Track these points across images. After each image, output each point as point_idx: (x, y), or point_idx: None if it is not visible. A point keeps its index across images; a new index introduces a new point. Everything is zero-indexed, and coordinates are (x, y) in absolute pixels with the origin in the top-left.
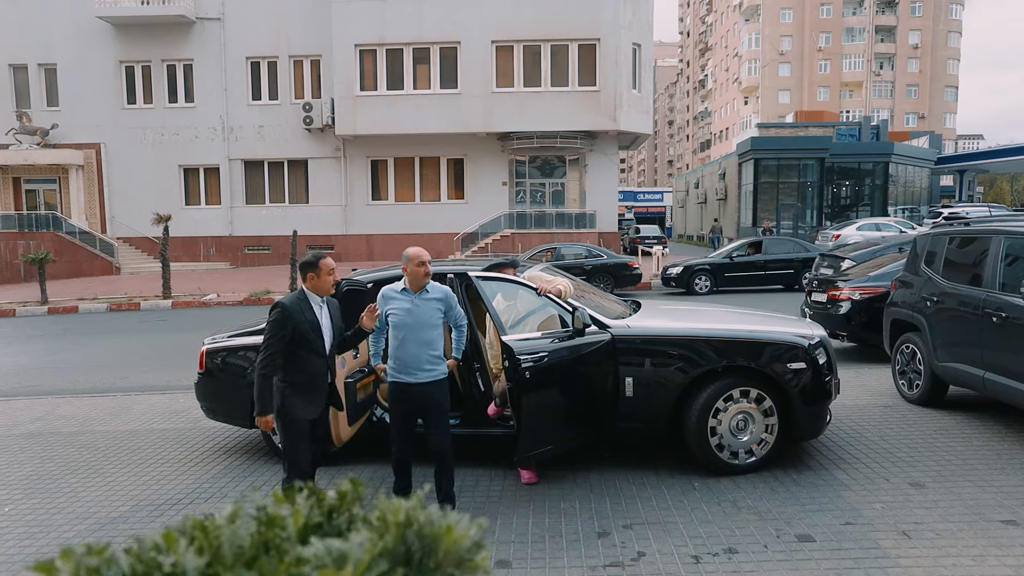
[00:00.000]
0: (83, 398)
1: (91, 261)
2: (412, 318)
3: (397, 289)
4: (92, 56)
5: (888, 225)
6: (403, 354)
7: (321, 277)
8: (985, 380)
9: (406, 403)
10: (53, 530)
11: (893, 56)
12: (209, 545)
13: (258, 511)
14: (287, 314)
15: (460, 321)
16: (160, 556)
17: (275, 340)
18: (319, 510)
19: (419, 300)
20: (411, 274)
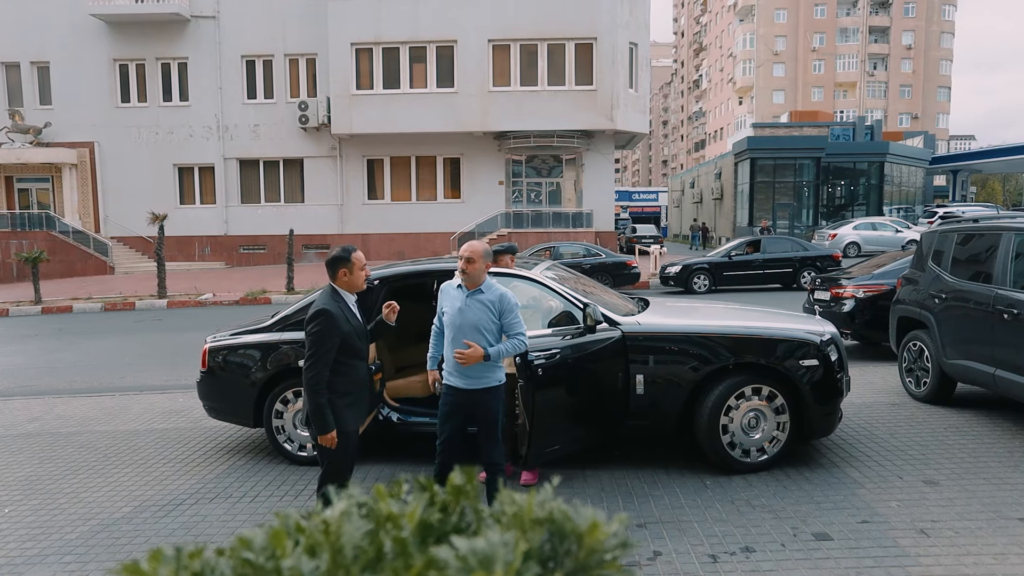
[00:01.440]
0: (81, 398)
1: (85, 261)
2: (461, 318)
3: (455, 285)
4: (85, 54)
5: (884, 224)
6: (452, 355)
7: (354, 273)
8: (996, 377)
9: (452, 408)
10: (55, 531)
11: (887, 57)
12: (328, 546)
13: (366, 508)
14: (334, 323)
15: (516, 330)
16: (264, 559)
17: (323, 352)
18: (433, 506)
19: (471, 300)
20: (460, 271)
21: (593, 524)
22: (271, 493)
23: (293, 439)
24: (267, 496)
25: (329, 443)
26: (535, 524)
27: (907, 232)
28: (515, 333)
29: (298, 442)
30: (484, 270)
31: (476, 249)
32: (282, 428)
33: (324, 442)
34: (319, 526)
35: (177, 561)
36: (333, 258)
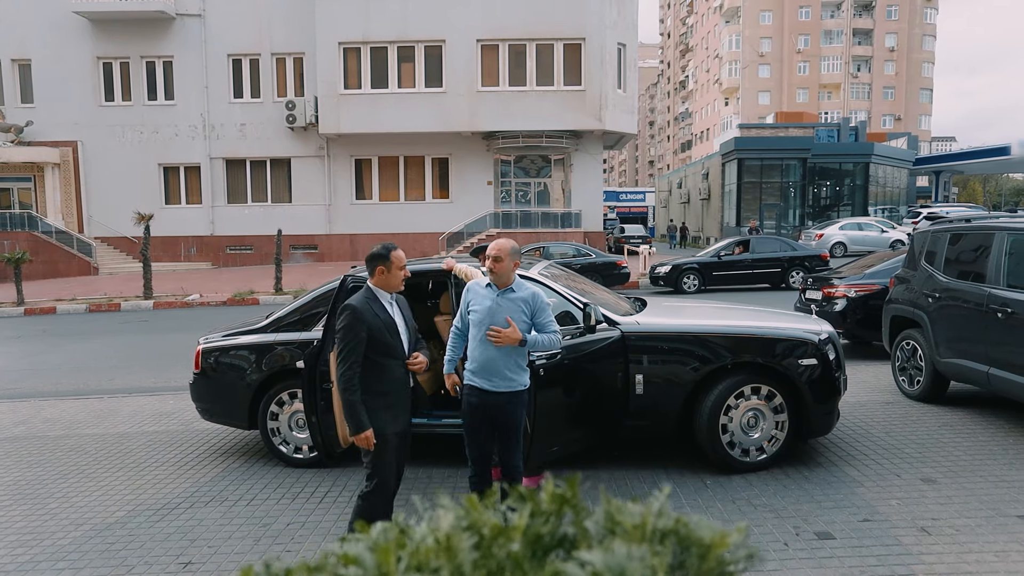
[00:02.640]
0: (68, 400)
1: (68, 261)
2: (491, 317)
3: (482, 284)
4: (68, 52)
5: (870, 224)
6: (481, 356)
7: (392, 271)
8: (990, 376)
9: (479, 410)
10: (47, 537)
11: (870, 59)
12: (447, 563)
13: (465, 521)
14: (359, 317)
15: (550, 328)
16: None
17: (352, 347)
18: (538, 517)
19: (502, 299)
20: (488, 270)
21: (720, 534)
22: (267, 496)
23: (289, 441)
24: (263, 499)
25: (364, 444)
26: (661, 535)
27: (892, 232)
28: (549, 331)
29: (294, 444)
30: (513, 268)
31: (504, 247)
32: (277, 430)
33: (359, 443)
34: (432, 542)
35: None
36: (372, 256)
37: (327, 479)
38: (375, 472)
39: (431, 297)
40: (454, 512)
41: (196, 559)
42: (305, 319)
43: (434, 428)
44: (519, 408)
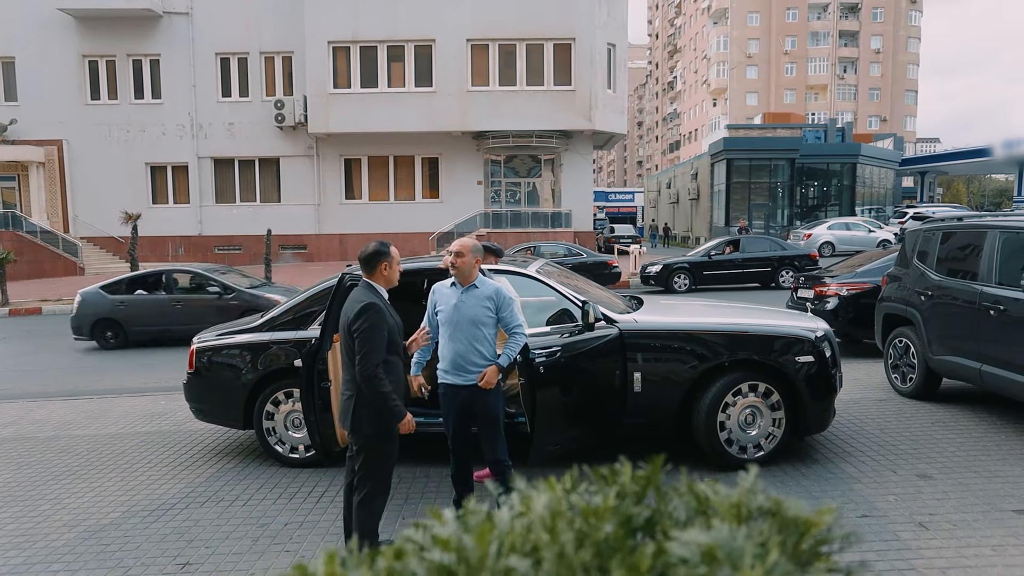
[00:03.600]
0: (57, 401)
1: (53, 261)
2: (458, 314)
3: (448, 284)
4: (53, 50)
5: (857, 224)
6: (450, 352)
7: (393, 268)
8: (982, 372)
9: (455, 407)
10: (40, 539)
11: (856, 60)
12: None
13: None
14: (382, 316)
15: (513, 324)
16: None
17: (377, 346)
18: (625, 499)
19: (466, 295)
20: (450, 266)
21: (818, 513)
22: (264, 496)
23: (284, 441)
24: (260, 499)
25: (408, 428)
26: (762, 514)
27: (879, 232)
28: (513, 326)
29: (290, 444)
30: (474, 265)
31: (465, 244)
32: (273, 430)
33: (404, 429)
34: (526, 525)
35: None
36: (373, 252)
37: (324, 479)
38: (376, 472)
39: (426, 296)
40: (547, 494)
41: (194, 559)
42: (300, 318)
43: (425, 428)
44: (496, 399)
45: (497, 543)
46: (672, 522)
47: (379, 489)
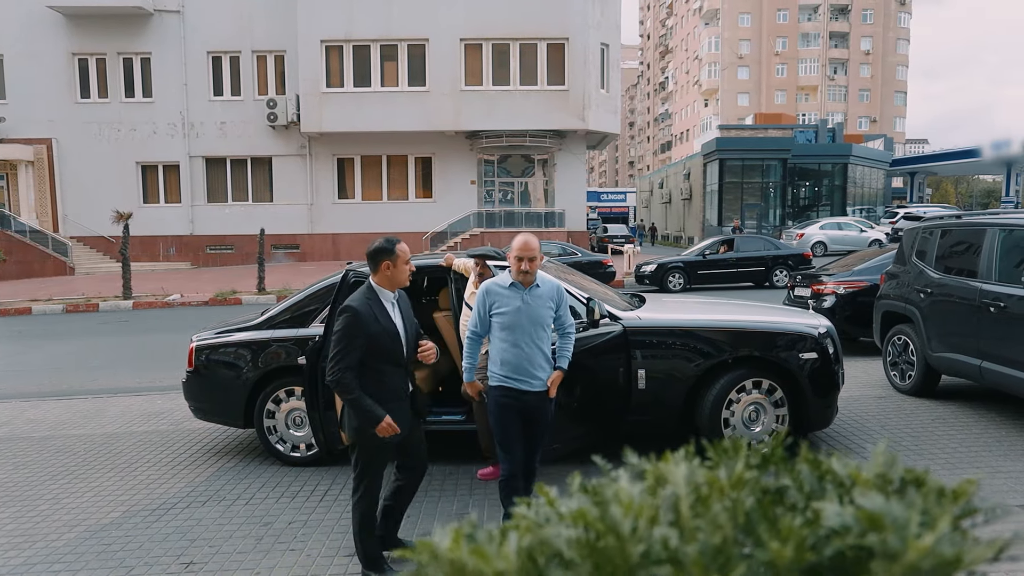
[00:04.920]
0: (51, 401)
1: (43, 261)
2: (522, 316)
3: (504, 284)
4: (42, 48)
5: (849, 224)
6: (516, 358)
7: (398, 267)
8: (982, 369)
9: (518, 412)
10: (40, 539)
11: (846, 61)
12: (704, 511)
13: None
14: (359, 321)
15: (569, 323)
16: (627, 531)
17: (345, 352)
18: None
19: (530, 296)
20: (514, 267)
21: (965, 483)
22: (266, 495)
23: (286, 439)
24: (263, 498)
25: (389, 432)
26: (906, 485)
27: (870, 232)
28: (568, 326)
29: (291, 442)
30: None
31: (535, 246)
32: (274, 428)
33: (383, 432)
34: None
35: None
36: (375, 249)
37: (326, 477)
38: (364, 475)
39: (427, 294)
40: (684, 465)
41: (198, 559)
42: (301, 316)
43: (430, 425)
44: (552, 404)
45: (633, 516)
46: (803, 495)
47: (371, 490)
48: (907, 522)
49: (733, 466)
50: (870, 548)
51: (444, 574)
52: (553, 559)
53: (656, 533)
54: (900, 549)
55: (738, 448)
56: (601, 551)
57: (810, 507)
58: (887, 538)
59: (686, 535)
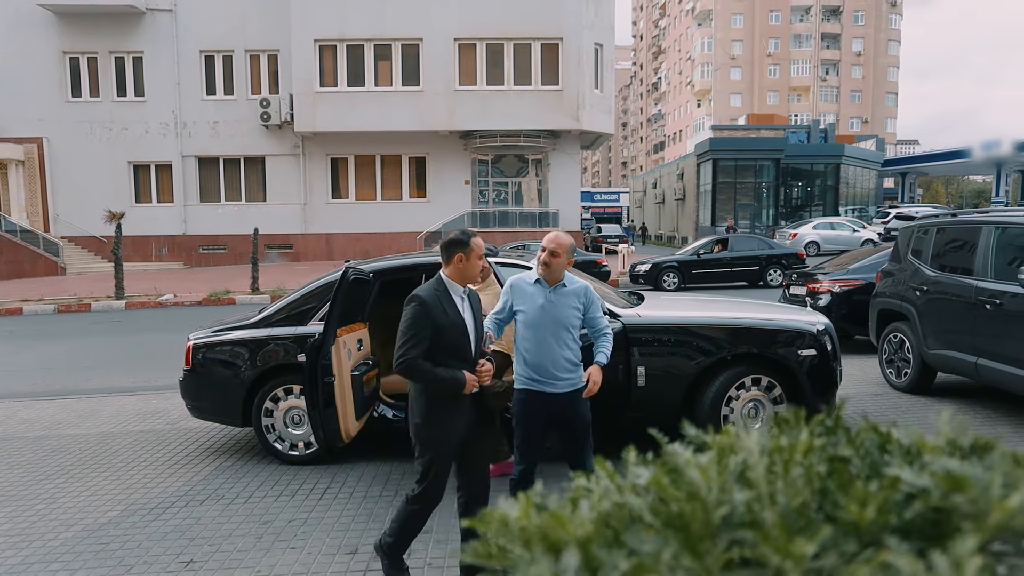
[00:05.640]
0: (44, 401)
1: (34, 261)
2: (545, 316)
3: (529, 280)
4: (32, 46)
5: (842, 224)
6: (538, 358)
7: (471, 261)
8: (978, 366)
9: (541, 416)
10: (37, 539)
11: (838, 62)
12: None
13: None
14: (427, 312)
15: (603, 325)
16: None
17: (414, 339)
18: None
19: (554, 295)
20: (541, 264)
21: None
22: (265, 493)
23: (284, 438)
24: (261, 496)
25: (473, 384)
26: (977, 450)
27: (863, 232)
28: (603, 329)
29: (289, 441)
30: (567, 265)
31: (562, 242)
32: (272, 427)
33: (470, 387)
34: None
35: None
36: (449, 241)
37: (325, 475)
38: (422, 479)
39: None
40: (756, 433)
41: (198, 557)
42: (299, 314)
43: None
44: (586, 405)
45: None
46: (866, 463)
47: (428, 491)
48: (990, 484)
49: (797, 435)
50: (948, 510)
51: (517, 541)
52: (631, 525)
53: (738, 497)
54: (985, 509)
55: (799, 418)
56: (681, 516)
57: (879, 473)
58: (976, 498)
59: (763, 500)
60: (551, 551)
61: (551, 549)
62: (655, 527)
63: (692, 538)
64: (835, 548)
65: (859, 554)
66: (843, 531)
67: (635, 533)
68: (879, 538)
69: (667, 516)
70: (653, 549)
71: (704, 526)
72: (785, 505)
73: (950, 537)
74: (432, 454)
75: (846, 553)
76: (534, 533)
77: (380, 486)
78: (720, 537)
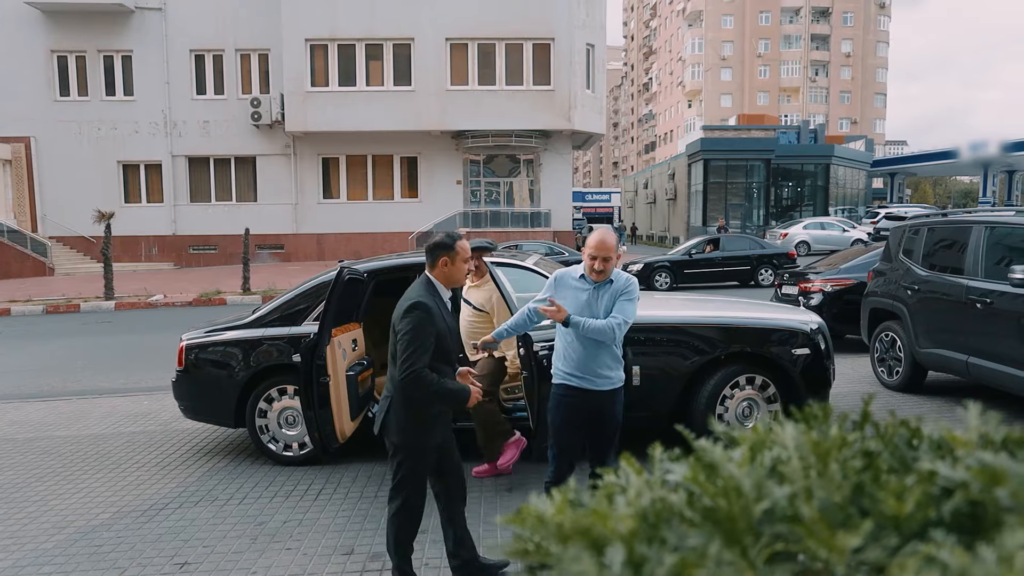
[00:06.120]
0: (34, 402)
1: (21, 262)
2: (589, 312)
3: (575, 275)
4: (19, 44)
5: (832, 224)
6: (577, 354)
7: (456, 264)
8: (969, 364)
9: (579, 412)
10: (28, 541)
11: (827, 63)
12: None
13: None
14: (431, 318)
15: (628, 311)
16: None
17: (421, 349)
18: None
19: (600, 291)
20: (586, 264)
21: None
22: (260, 494)
23: (278, 439)
24: (256, 497)
25: (478, 396)
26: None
27: (853, 232)
28: (619, 315)
29: (283, 441)
30: (616, 261)
31: (610, 244)
32: (266, 427)
33: (475, 400)
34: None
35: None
36: (435, 244)
37: (320, 476)
38: (406, 482)
39: None
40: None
41: (192, 559)
42: (293, 314)
43: None
44: (620, 406)
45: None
46: (895, 457)
47: (414, 499)
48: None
49: (827, 430)
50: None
51: (553, 538)
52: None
53: (779, 492)
54: None
55: (827, 413)
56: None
57: (908, 468)
58: (1017, 492)
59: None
60: (592, 547)
61: (592, 545)
62: (695, 522)
63: (737, 533)
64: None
65: (901, 548)
66: (882, 525)
67: (675, 529)
68: (919, 532)
69: (705, 511)
70: (699, 544)
71: (746, 521)
72: (825, 499)
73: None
74: (414, 462)
75: (888, 547)
76: (575, 529)
77: (375, 486)
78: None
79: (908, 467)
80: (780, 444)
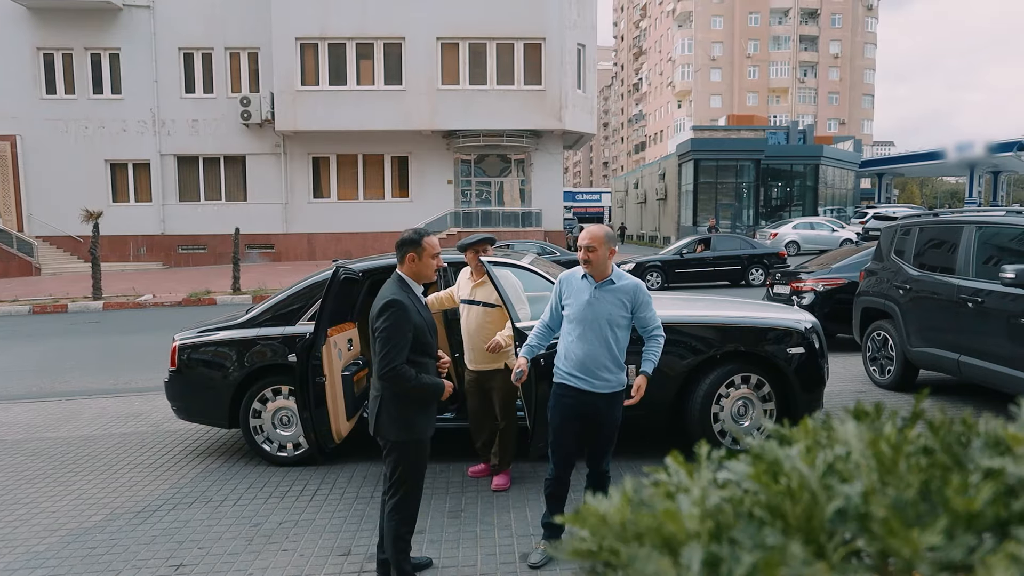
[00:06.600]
0: (22, 403)
1: (7, 261)
2: (590, 312)
3: (578, 276)
4: (4, 42)
5: (821, 224)
6: (577, 354)
7: (423, 260)
8: (960, 363)
9: (573, 412)
10: (19, 544)
11: (816, 64)
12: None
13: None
14: (406, 314)
15: (654, 326)
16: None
17: (398, 345)
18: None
19: (600, 291)
20: (583, 263)
21: None
22: (254, 495)
23: (272, 439)
24: (251, 499)
25: (449, 391)
26: None
27: (842, 232)
28: (653, 329)
29: (278, 442)
30: (609, 257)
31: (597, 235)
32: (260, 428)
33: (447, 393)
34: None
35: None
36: (402, 240)
37: (315, 477)
38: (406, 477)
39: None
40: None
41: (188, 561)
42: (287, 314)
43: None
44: (619, 409)
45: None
46: (950, 455)
47: (412, 494)
48: None
49: (880, 427)
50: None
51: (616, 538)
52: (738, 519)
53: (851, 490)
54: None
55: (880, 410)
56: (793, 509)
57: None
58: None
59: (874, 493)
60: (663, 548)
61: (664, 546)
62: (768, 522)
63: (813, 532)
64: (954, 540)
65: (979, 546)
66: (955, 523)
67: (746, 528)
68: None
69: (773, 510)
70: (777, 543)
71: (819, 519)
72: (897, 497)
73: None
74: (411, 457)
75: (964, 545)
76: (646, 529)
77: (371, 487)
78: (835, 531)
79: (963, 465)
80: (842, 442)
